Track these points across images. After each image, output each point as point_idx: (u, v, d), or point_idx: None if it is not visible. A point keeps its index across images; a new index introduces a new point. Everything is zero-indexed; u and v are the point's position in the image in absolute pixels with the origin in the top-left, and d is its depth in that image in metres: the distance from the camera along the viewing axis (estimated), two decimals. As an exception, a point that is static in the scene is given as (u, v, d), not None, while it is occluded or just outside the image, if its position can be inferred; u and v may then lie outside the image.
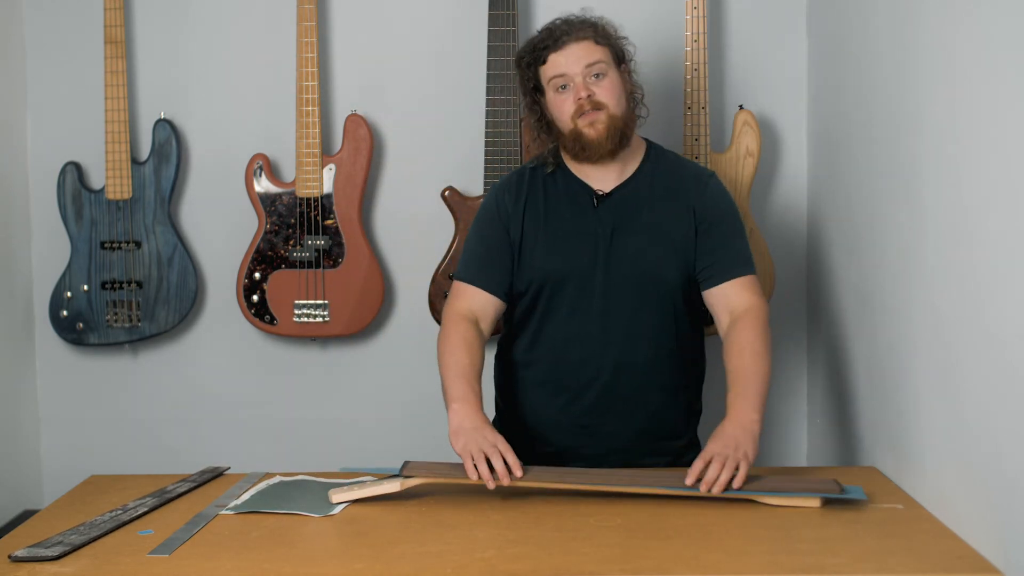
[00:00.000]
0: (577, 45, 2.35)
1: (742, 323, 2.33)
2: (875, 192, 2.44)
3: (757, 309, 2.35)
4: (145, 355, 3.24)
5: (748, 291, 2.37)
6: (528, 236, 2.43)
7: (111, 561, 1.87)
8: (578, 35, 2.35)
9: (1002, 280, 1.78)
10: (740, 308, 2.35)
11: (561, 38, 2.35)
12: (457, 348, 2.34)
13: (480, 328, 2.40)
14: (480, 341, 2.38)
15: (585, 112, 2.34)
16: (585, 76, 2.34)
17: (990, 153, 1.83)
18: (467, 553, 1.88)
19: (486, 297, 2.43)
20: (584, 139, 2.35)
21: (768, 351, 2.31)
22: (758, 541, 1.93)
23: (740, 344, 2.30)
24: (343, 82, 3.16)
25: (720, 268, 2.38)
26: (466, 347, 2.34)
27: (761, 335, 2.31)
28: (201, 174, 3.20)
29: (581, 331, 2.41)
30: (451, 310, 2.42)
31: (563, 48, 2.35)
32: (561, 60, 2.35)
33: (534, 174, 2.48)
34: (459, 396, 2.26)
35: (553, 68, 2.36)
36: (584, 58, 2.34)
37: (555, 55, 2.35)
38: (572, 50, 2.35)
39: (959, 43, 1.95)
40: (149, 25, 3.17)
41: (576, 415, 2.43)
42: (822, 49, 2.95)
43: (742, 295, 2.36)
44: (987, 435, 1.85)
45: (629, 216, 2.41)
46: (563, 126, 2.38)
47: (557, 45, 2.35)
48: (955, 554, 1.85)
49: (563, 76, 2.35)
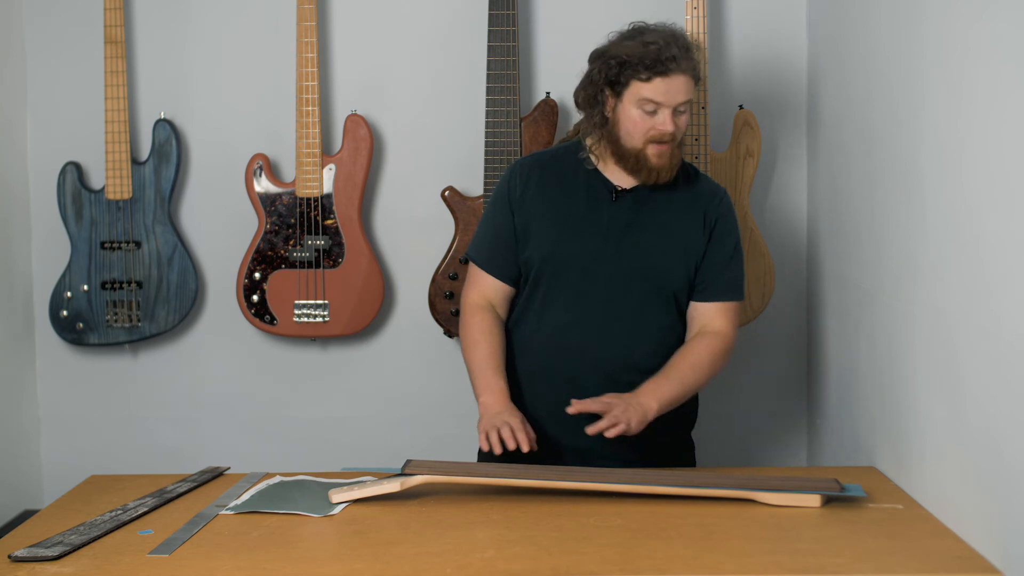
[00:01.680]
0: (682, 78, 2.32)
1: (706, 340, 2.43)
2: (875, 192, 2.44)
3: (726, 337, 2.45)
4: (145, 355, 3.24)
5: (726, 318, 2.46)
6: (535, 218, 2.44)
7: (111, 561, 1.87)
8: (684, 67, 2.32)
9: (1002, 280, 1.78)
10: (711, 329, 2.44)
11: (671, 65, 2.31)
12: (479, 339, 2.45)
13: (497, 313, 2.50)
14: (499, 326, 2.48)
15: (662, 142, 2.35)
16: (675, 108, 2.34)
17: (990, 153, 1.83)
18: (467, 553, 1.87)
19: (496, 284, 2.49)
20: (649, 164, 2.37)
21: (709, 373, 2.41)
22: (758, 541, 1.93)
23: (691, 353, 2.41)
24: (343, 82, 3.17)
25: (713, 288, 2.45)
26: (486, 336, 2.45)
27: (714, 358, 2.42)
28: (201, 174, 3.20)
29: (582, 319, 2.42)
30: (467, 300, 2.51)
31: (670, 76, 2.31)
32: (663, 87, 2.31)
33: (556, 159, 2.50)
34: (484, 387, 2.40)
35: (652, 92, 2.32)
36: (683, 95, 2.33)
37: (661, 80, 2.31)
38: (676, 83, 2.32)
39: (959, 43, 1.96)
40: (149, 25, 3.17)
41: (570, 404, 2.43)
42: (822, 49, 2.96)
43: (719, 319, 2.45)
44: (987, 435, 1.85)
45: (644, 213, 2.43)
46: (629, 141, 2.37)
47: (667, 71, 2.31)
48: (955, 554, 1.85)
49: (657, 104, 2.33)
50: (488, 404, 2.37)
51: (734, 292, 2.47)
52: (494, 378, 2.40)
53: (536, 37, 3.13)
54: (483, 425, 2.33)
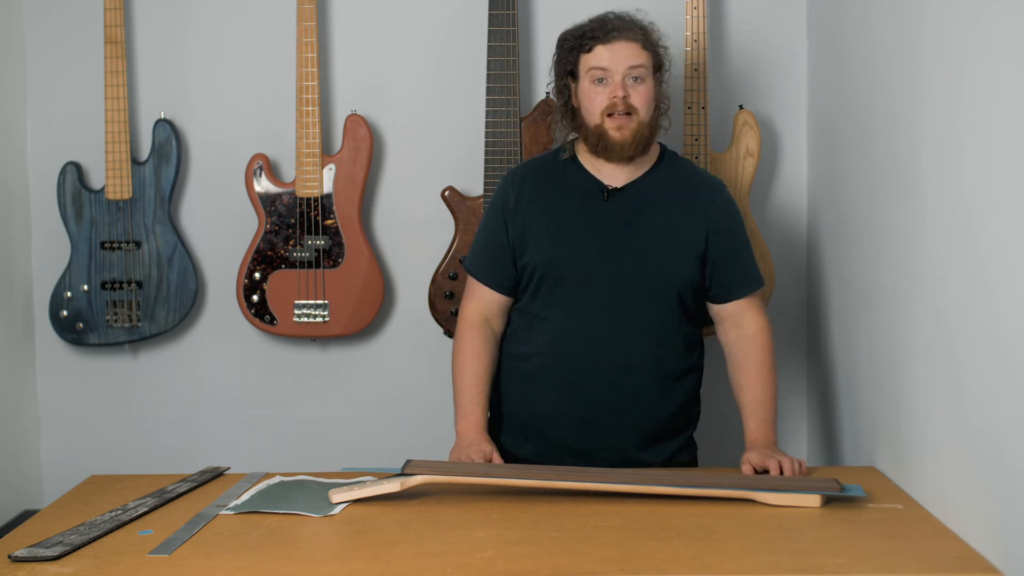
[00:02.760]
0: (625, 44, 2.36)
1: (756, 344, 2.47)
2: (875, 192, 2.44)
3: (768, 331, 2.49)
4: (145, 355, 3.24)
5: (756, 310, 2.49)
6: (532, 227, 2.44)
7: (111, 561, 1.87)
8: (628, 34, 2.37)
9: (1002, 279, 1.78)
10: (751, 327, 2.48)
11: (612, 32, 2.36)
12: (466, 362, 2.48)
13: (491, 327, 2.51)
14: (488, 345, 2.51)
15: (616, 113, 2.36)
16: (625, 76, 2.36)
17: (990, 153, 1.83)
18: (467, 553, 1.88)
19: (492, 295, 2.50)
20: (608, 139, 2.38)
21: (776, 370, 2.49)
22: (758, 541, 1.93)
23: (757, 364, 2.46)
24: (343, 82, 3.17)
25: (733, 286, 2.47)
26: (473, 359, 2.48)
27: (772, 357, 2.48)
28: (201, 174, 3.20)
29: (582, 323, 2.42)
30: (463, 315, 2.53)
31: (611, 43, 2.36)
32: (606, 54, 2.36)
33: (545, 164, 2.51)
34: (461, 416, 2.45)
35: (596, 59, 2.37)
36: (629, 59, 2.36)
37: (602, 47, 2.36)
38: (619, 47, 2.36)
39: (959, 43, 1.95)
40: (149, 25, 3.17)
41: (573, 408, 2.44)
42: (822, 49, 2.96)
43: (750, 313, 2.48)
44: (987, 435, 1.85)
45: (638, 213, 2.42)
46: (590, 119, 2.40)
47: (607, 38, 2.36)
48: (955, 554, 1.85)
49: (604, 70, 2.36)
50: (462, 434, 2.44)
51: (755, 282, 2.49)
52: (471, 407, 2.45)
53: (536, 37, 3.13)
54: (454, 454, 2.40)
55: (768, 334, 2.48)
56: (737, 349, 2.47)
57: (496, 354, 2.51)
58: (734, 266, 2.46)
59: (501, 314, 2.52)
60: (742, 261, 2.47)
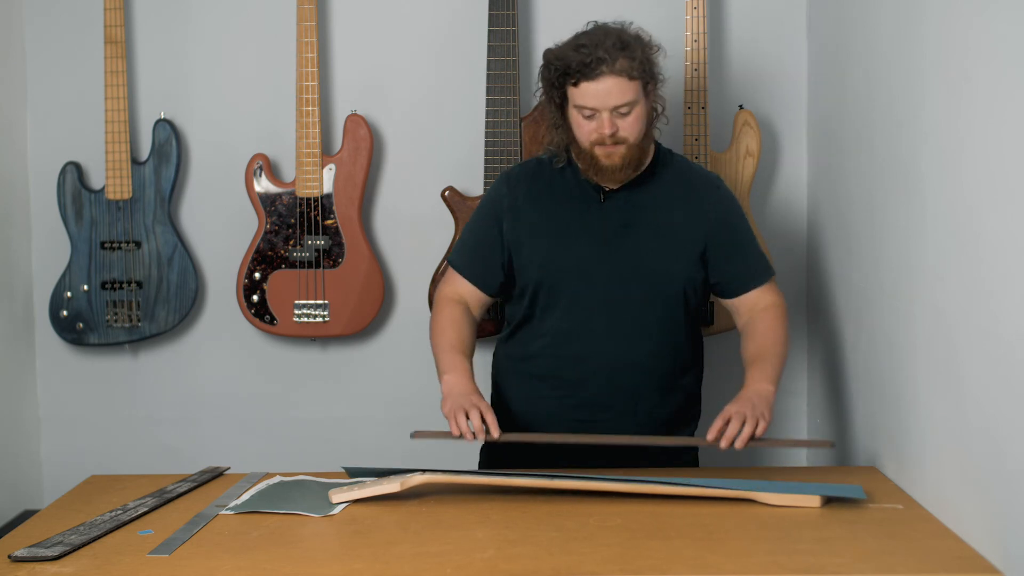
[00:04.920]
0: (612, 80, 2.25)
1: (766, 313, 2.44)
2: (875, 192, 2.44)
3: (779, 306, 2.46)
4: (145, 355, 3.24)
5: (770, 292, 2.48)
6: (527, 228, 2.44)
7: (111, 561, 1.87)
8: (614, 67, 2.25)
9: (1002, 279, 1.78)
10: (767, 301, 2.46)
11: (598, 68, 2.25)
12: (447, 326, 2.43)
13: (469, 308, 2.49)
14: (469, 320, 2.47)
15: (605, 144, 2.32)
16: (613, 113, 2.29)
17: (990, 152, 1.83)
18: (467, 553, 1.87)
19: (472, 289, 2.50)
20: (599, 164, 2.35)
21: (787, 338, 2.43)
22: (758, 541, 1.93)
23: (764, 327, 2.41)
24: (343, 82, 3.17)
25: (744, 280, 2.46)
26: (454, 325, 2.43)
27: (783, 324, 2.44)
28: (201, 174, 3.20)
29: (582, 325, 2.42)
30: (441, 294, 2.51)
31: (597, 79, 2.26)
32: (591, 92, 2.27)
33: (541, 166, 2.49)
34: (449, 367, 2.37)
35: (582, 98, 2.29)
36: (615, 97, 2.27)
37: (588, 84, 2.27)
38: (606, 85, 2.26)
39: (959, 42, 1.95)
40: (149, 25, 3.17)
41: (574, 409, 2.44)
42: (822, 49, 2.95)
43: (765, 298, 2.47)
44: (987, 435, 1.85)
45: (636, 213, 2.42)
46: (580, 144, 2.35)
47: (592, 74, 2.26)
48: (955, 554, 1.85)
49: (592, 108, 2.29)
50: (452, 383, 2.33)
51: (765, 273, 2.48)
52: (458, 358, 2.37)
53: (536, 37, 3.12)
54: (449, 405, 2.28)
55: (783, 308, 2.46)
56: (751, 318, 2.45)
57: (475, 331, 2.46)
58: (741, 259, 2.45)
59: (479, 307, 2.51)
60: (748, 253, 2.47)
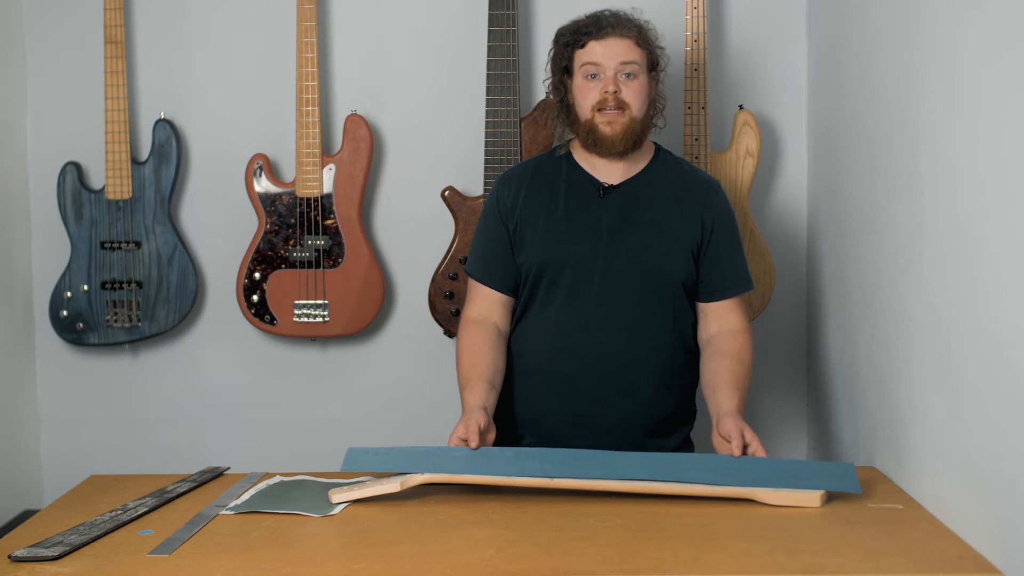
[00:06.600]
0: (618, 40, 2.39)
1: (740, 336, 2.45)
2: (874, 192, 2.44)
3: (749, 333, 2.49)
4: (145, 355, 3.24)
5: (739, 312, 2.49)
6: (528, 224, 2.46)
7: (111, 561, 1.87)
8: (622, 31, 2.40)
9: (1001, 280, 1.78)
10: (734, 325, 2.47)
11: (605, 28, 2.40)
12: (464, 357, 2.44)
13: (494, 324, 2.49)
14: (490, 335, 2.47)
15: (607, 108, 2.38)
16: (617, 72, 2.39)
17: (989, 153, 1.83)
18: (467, 553, 1.88)
19: (495, 295, 2.50)
20: (598, 134, 2.40)
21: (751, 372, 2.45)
22: (758, 541, 1.93)
23: (738, 353, 2.42)
24: (343, 82, 3.17)
25: (723, 285, 2.47)
26: (472, 347, 2.44)
27: (751, 355, 2.45)
28: (201, 174, 3.20)
29: (580, 320, 2.42)
30: (464, 316, 2.52)
31: (604, 38, 2.39)
32: (599, 49, 2.39)
33: (540, 165, 2.52)
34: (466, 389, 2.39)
35: (589, 54, 2.40)
36: (621, 54, 2.39)
37: (595, 43, 2.40)
38: (612, 43, 2.39)
39: (958, 43, 1.96)
40: (149, 25, 3.17)
41: (569, 404, 2.44)
42: (822, 49, 2.96)
43: (735, 313, 2.48)
44: (986, 435, 1.85)
45: (634, 210, 2.43)
46: (582, 114, 2.42)
47: (600, 34, 2.39)
48: (955, 554, 1.85)
49: (596, 65, 2.40)
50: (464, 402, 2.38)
51: (744, 283, 2.49)
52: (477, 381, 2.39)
53: (536, 37, 3.13)
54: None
55: (750, 335, 2.47)
56: (718, 339, 2.45)
57: (503, 346, 2.47)
58: (725, 266, 2.47)
59: (505, 313, 2.51)
60: (733, 262, 2.49)
